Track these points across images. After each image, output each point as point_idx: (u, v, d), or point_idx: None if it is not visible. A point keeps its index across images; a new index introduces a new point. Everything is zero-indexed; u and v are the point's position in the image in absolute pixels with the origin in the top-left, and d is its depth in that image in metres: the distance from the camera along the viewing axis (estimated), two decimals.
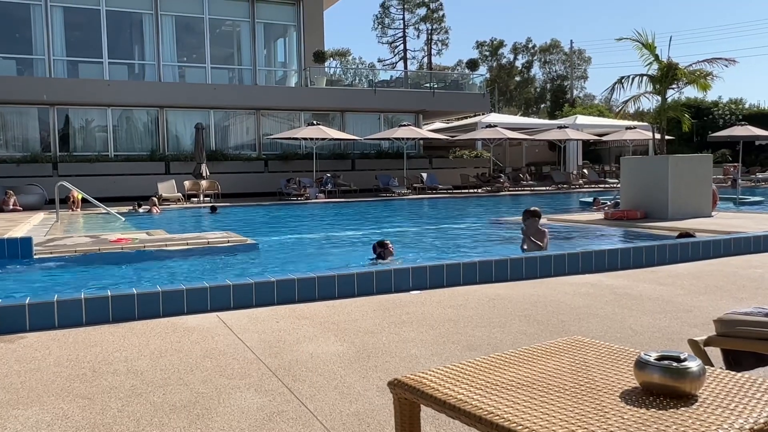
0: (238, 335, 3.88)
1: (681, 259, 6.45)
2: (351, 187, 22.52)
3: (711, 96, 39.49)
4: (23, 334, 3.96)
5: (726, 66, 12.30)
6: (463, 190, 24.58)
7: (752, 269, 6.01)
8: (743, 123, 27.06)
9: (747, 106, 40.34)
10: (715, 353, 2.50)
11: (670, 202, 10.45)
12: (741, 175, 24.84)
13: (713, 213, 10.93)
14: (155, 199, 16.25)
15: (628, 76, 12.70)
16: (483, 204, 19.05)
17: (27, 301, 4.09)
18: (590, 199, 16.13)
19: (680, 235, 7.54)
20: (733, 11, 77.08)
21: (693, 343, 2.50)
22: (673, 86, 12.48)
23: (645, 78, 12.41)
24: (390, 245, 7.38)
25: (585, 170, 28.97)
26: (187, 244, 8.61)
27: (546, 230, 7.63)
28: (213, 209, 16.63)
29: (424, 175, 24.04)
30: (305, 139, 22.17)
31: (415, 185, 23.29)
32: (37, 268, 7.47)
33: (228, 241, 8.87)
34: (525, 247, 7.39)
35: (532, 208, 7.71)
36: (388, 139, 23.97)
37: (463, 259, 5.59)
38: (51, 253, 7.92)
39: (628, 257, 6.20)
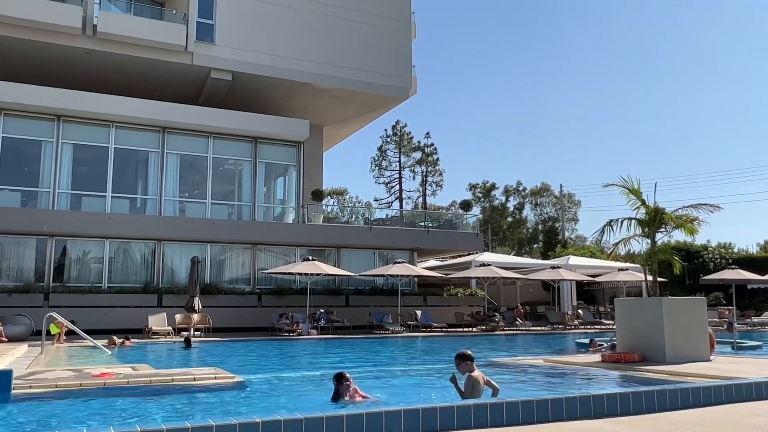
0: None
1: (682, 406, 6.25)
2: (344, 323, 22.24)
3: (700, 240, 40.32)
4: None
5: (711, 212, 12.64)
6: (457, 329, 24.27)
7: (756, 417, 5.81)
8: (733, 266, 27.41)
9: (736, 250, 41.10)
10: None
11: (667, 345, 10.30)
12: (736, 318, 24.71)
13: (711, 357, 10.74)
14: (114, 337, 16.06)
15: (617, 219, 13.01)
16: (478, 343, 18.72)
17: None
18: (586, 341, 15.90)
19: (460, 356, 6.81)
20: (716, 159, 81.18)
21: None
22: (662, 230, 12.75)
23: (633, 221, 12.72)
24: (347, 380, 6.92)
25: (580, 311, 28.84)
26: (173, 380, 8.34)
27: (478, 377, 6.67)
28: (187, 343, 16.14)
29: (419, 312, 23.86)
30: (300, 274, 22.26)
31: (409, 323, 23.02)
32: (14, 404, 7.15)
33: (215, 378, 8.61)
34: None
35: (464, 352, 6.90)
36: (383, 275, 24.09)
37: (457, 402, 5.40)
38: (30, 387, 7.64)
39: (628, 402, 6.00)
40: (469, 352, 6.95)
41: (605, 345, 13.27)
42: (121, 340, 16.18)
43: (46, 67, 22.74)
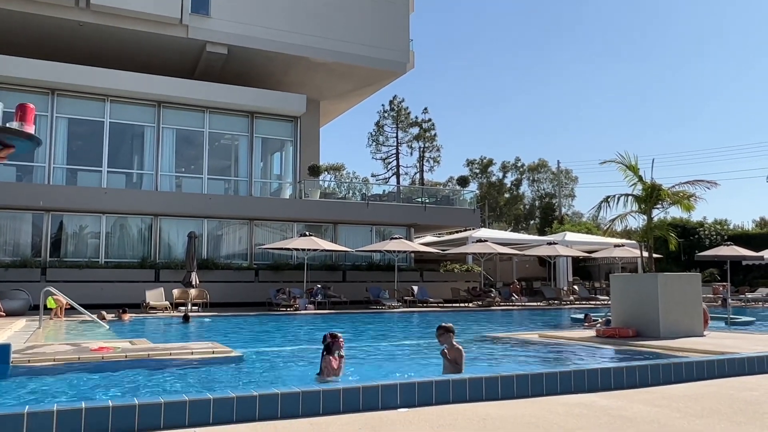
0: None
1: (675, 380, 6.31)
2: (341, 298, 22.35)
3: (696, 216, 40.43)
4: None
5: (708, 188, 12.68)
6: (453, 304, 24.41)
7: (748, 392, 5.87)
8: (729, 243, 27.51)
9: (731, 226, 41.23)
10: None
11: (661, 320, 10.37)
12: (730, 294, 24.87)
13: (705, 332, 10.82)
14: (103, 312, 15.96)
15: (614, 196, 13.05)
16: (474, 319, 18.85)
17: None
18: (581, 316, 16.00)
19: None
20: (713, 136, 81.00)
21: None
22: (658, 206, 12.78)
23: (630, 198, 12.74)
24: (341, 339, 7.12)
25: (575, 286, 29.00)
26: (170, 354, 8.39)
27: (461, 348, 6.87)
28: (185, 318, 16.27)
29: (415, 288, 23.97)
30: (297, 249, 22.28)
31: (405, 298, 23.15)
32: (13, 377, 7.19)
33: (213, 352, 8.65)
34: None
35: (446, 324, 7.04)
36: (380, 251, 24.13)
37: (453, 375, 5.45)
38: (29, 361, 7.68)
39: (622, 376, 6.06)
40: (450, 324, 7.03)
41: (600, 320, 13.36)
42: (112, 316, 16.20)
43: (39, 40, 22.45)
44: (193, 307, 19.48)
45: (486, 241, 26.43)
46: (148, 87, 22.60)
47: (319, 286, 22.22)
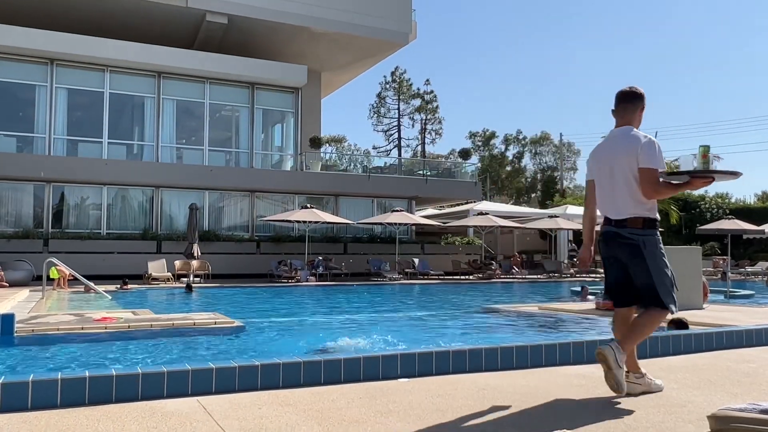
0: (217, 422, 3.73)
1: (673, 352, 6.35)
2: (342, 270, 22.45)
3: (698, 190, 40.37)
4: None
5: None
6: (454, 277, 24.52)
7: (746, 364, 5.92)
8: (730, 217, 27.50)
9: (733, 200, 41.18)
10: None
11: None
12: (730, 268, 24.95)
13: (704, 305, 10.88)
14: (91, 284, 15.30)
15: None
16: (475, 291, 18.96)
17: (0, 381, 3.94)
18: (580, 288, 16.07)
19: (673, 323, 7.29)
20: (715, 110, 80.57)
21: None
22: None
23: None
24: None
25: (576, 259, 29.08)
26: (173, 324, 8.45)
27: None
28: (188, 288, 16.47)
29: (416, 260, 24.06)
30: (298, 221, 22.32)
31: (406, 270, 23.25)
32: (17, 347, 7.26)
33: (215, 323, 8.72)
34: None
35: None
36: (381, 223, 24.16)
37: (453, 347, 5.49)
38: (33, 330, 7.74)
39: None
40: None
41: (600, 292, 13.42)
42: (115, 287, 16.30)
43: (37, 9, 22.16)
44: (195, 279, 19.60)
45: (487, 214, 26.43)
46: (148, 57, 22.39)
47: (320, 258, 22.31)
